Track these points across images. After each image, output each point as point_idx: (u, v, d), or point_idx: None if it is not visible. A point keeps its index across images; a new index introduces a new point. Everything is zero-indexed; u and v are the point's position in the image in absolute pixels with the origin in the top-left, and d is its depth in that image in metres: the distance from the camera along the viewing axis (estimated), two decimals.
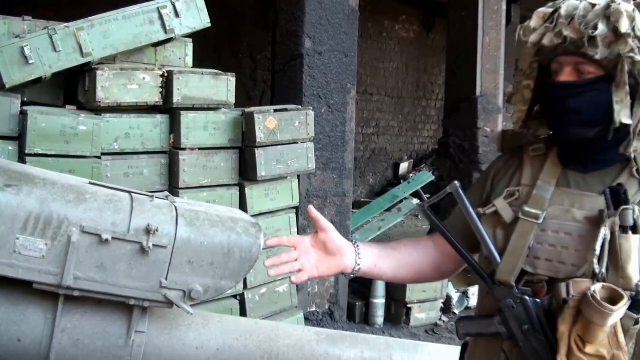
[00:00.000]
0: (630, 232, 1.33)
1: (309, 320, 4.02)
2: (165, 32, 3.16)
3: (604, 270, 1.32)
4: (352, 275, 1.62)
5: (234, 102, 3.38)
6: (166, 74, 3.16)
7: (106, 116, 3.01)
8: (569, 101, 1.42)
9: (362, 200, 7.72)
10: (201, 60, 3.60)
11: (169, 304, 1.70)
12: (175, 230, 1.70)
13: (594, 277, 1.32)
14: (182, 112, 3.19)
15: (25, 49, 2.73)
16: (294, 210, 3.63)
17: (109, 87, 2.96)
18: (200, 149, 3.29)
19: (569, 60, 1.43)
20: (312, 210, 1.57)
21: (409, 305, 4.66)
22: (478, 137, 5.74)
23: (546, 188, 1.48)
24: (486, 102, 5.70)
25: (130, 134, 3.11)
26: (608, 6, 1.38)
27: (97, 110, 3.00)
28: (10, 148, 2.74)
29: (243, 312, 3.44)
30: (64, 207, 1.61)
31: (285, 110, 3.44)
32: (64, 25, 2.86)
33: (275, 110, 3.40)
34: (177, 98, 3.16)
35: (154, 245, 1.65)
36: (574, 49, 1.39)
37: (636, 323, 1.29)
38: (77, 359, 1.76)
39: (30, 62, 2.76)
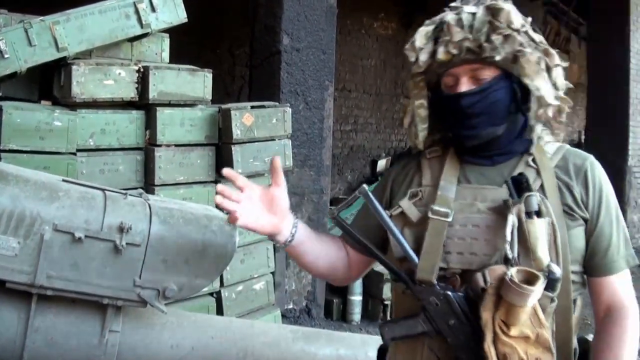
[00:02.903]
0: (535, 217, 1.39)
1: (286, 317, 4.02)
2: (142, 27, 3.14)
3: (515, 255, 1.37)
4: (280, 243, 1.59)
5: (210, 98, 3.36)
6: (142, 70, 3.13)
7: (81, 112, 2.98)
8: (475, 107, 1.47)
9: (340, 197, 7.75)
10: (179, 55, 3.57)
11: (143, 303, 1.69)
12: (148, 228, 1.68)
13: (507, 263, 1.37)
14: (158, 108, 3.17)
15: (0, 43, 2.69)
16: None
17: (85, 82, 2.93)
18: (176, 145, 3.27)
19: (464, 69, 1.48)
20: (277, 160, 1.56)
21: (385, 302, 4.68)
22: None
23: (449, 187, 1.53)
24: None
25: (106, 129, 3.08)
26: (489, 8, 1.45)
27: (73, 105, 2.97)
28: None
29: (220, 310, 3.43)
30: (37, 204, 1.59)
31: (263, 107, 3.43)
32: (39, 18, 2.82)
33: (252, 107, 3.39)
34: (153, 94, 3.13)
35: (127, 243, 1.64)
36: (472, 56, 1.45)
37: (552, 301, 1.36)
38: (51, 359, 1.74)
39: (6, 56, 2.72)
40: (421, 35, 1.51)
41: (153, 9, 3.16)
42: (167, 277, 1.71)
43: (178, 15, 3.27)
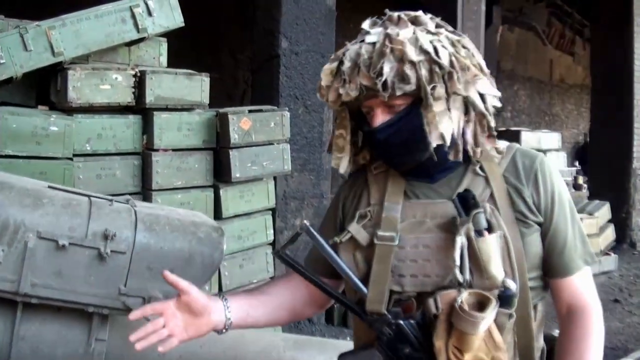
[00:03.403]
0: (486, 233, 1.36)
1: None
2: (138, 31, 3.13)
3: (467, 276, 1.35)
4: (224, 331, 1.58)
5: (208, 102, 3.35)
6: (139, 74, 3.12)
7: (78, 117, 2.98)
8: (391, 139, 1.44)
9: None
10: (180, 59, 3.57)
11: (129, 311, 1.67)
12: (134, 236, 1.67)
13: (460, 285, 1.35)
14: (154, 113, 3.16)
15: None
16: (270, 212, 3.60)
17: (81, 87, 2.93)
18: (173, 150, 3.25)
19: (375, 102, 1.44)
20: (168, 275, 1.53)
21: None
22: None
23: (393, 207, 1.49)
24: None
25: (103, 134, 3.08)
26: (387, 40, 1.40)
27: (69, 110, 2.96)
28: None
29: None
30: (21, 211, 1.58)
31: (260, 110, 3.42)
32: (35, 24, 2.82)
33: (250, 111, 3.37)
34: (149, 98, 3.13)
35: (112, 251, 1.63)
36: (373, 93, 1.40)
37: (510, 317, 1.32)
38: None
39: (1, 61, 2.71)
40: (325, 74, 1.48)
41: (149, 13, 3.15)
42: (152, 285, 1.69)
43: (175, 19, 3.27)
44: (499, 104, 1.52)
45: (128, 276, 1.67)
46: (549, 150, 6.07)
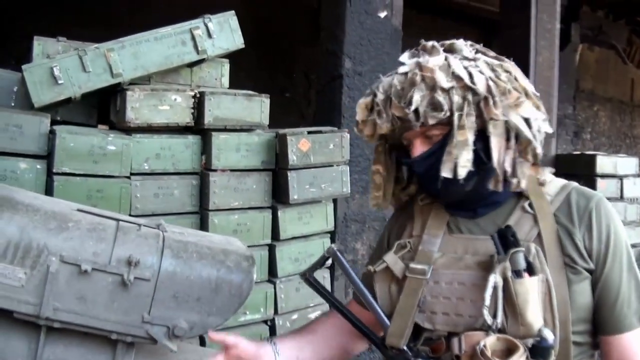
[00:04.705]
0: (526, 275, 1.24)
1: None
2: (198, 53, 3.14)
3: (499, 320, 1.24)
4: None
5: (267, 123, 3.32)
6: (198, 95, 3.13)
7: (136, 136, 3.00)
8: (430, 170, 1.36)
9: None
10: (254, 80, 3.59)
11: (152, 340, 1.63)
12: (159, 262, 1.62)
13: (490, 329, 1.25)
14: (213, 133, 3.15)
15: (55, 69, 2.75)
16: (329, 235, 3.52)
17: (139, 107, 2.95)
18: (231, 170, 3.23)
19: (412, 133, 1.38)
20: (213, 335, 1.56)
21: None
22: None
23: (432, 240, 1.42)
24: None
25: (161, 154, 3.09)
26: (417, 68, 1.34)
27: (128, 130, 3.00)
28: (38, 167, 2.77)
29: None
30: (44, 235, 1.56)
31: (320, 132, 3.35)
32: (94, 46, 2.88)
33: (309, 132, 3.31)
34: (208, 119, 3.12)
35: (135, 277, 1.58)
36: (409, 125, 1.35)
37: None
38: None
39: (60, 82, 2.78)
40: (361, 109, 1.45)
41: (209, 35, 3.16)
42: (177, 314, 1.63)
43: (235, 41, 3.26)
44: (549, 129, 1.41)
45: (152, 304, 1.62)
46: (626, 176, 5.65)
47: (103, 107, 3.18)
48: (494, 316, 1.25)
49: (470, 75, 1.32)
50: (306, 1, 5.73)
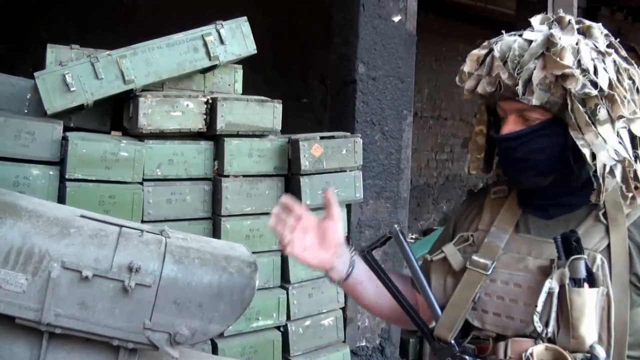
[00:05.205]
0: (586, 285, 1.16)
1: (357, 355, 3.86)
2: (210, 59, 3.14)
3: (550, 329, 1.17)
4: (334, 282, 1.50)
5: (279, 128, 3.31)
6: (210, 101, 3.13)
7: (149, 142, 3.01)
8: (516, 152, 1.28)
9: (435, 228, 7.50)
10: (271, 86, 3.59)
11: (153, 346, 1.62)
12: (160, 269, 1.62)
13: (539, 336, 1.18)
14: (225, 139, 3.15)
15: (67, 76, 2.78)
16: None
17: (151, 114, 2.96)
18: (244, 176, 3.23)
19: (511, 106, 1.29)
20: (330, 192, 1.46)
21: None
22: None
23: (499, 235, 1.34)
24: None
25: (174, 160, 3.10)
26: (547, 41, 1.22)
27: (141, 136, 3.01)
28: (51, 173, 2.79)
29: (285, 345, 3.34)
30: (46, 241, 1.57)
31: (332, 137, 3.34)
32: (106, 53, 2.90)
33: (322, 137, 3.30)
34: (220, 125, 3.12)
35: (136, 284, 1.58)
36: (511, 95, 1.24)
37: None
38: None
39: (72, 89, 2.80)
40: (471, 61, 1.35)
41: (222, 42, 3.16)
42: (178, 320, 1.63)
43: (247, 47, 3.26)
44: None
45: (153, 310, 1.62)
46: None
47: (116, 114, 3.19)
48: (546, 324, 1.19)
49: (595, 70, 1.22)
50: (322, 6, 5.73)
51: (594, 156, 1.22)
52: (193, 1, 5.34)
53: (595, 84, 1.20)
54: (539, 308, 1.19)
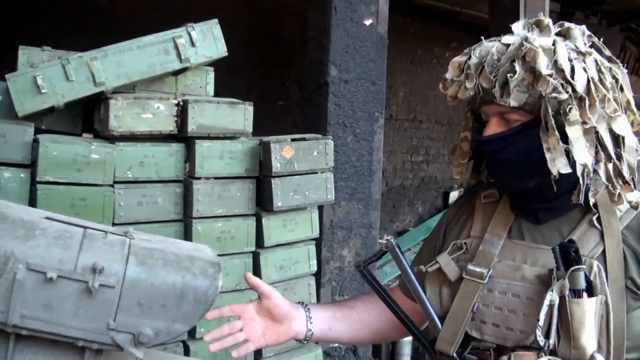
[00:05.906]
0: (585, 295, 1.18)
1: (330, 356, 3.89)
2: (181, 62, 3.16)
3: (551, 340, 1.19)
4: (305, 342, 1.54)
5: (251, 130, 3.34)
6: (181, 103, 3.15)
7: (120, 144, 3.03)
8: (499, 154, 1.30)
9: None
10: (252, 89, 3.60)
11: (118, 347, 1.64)
12: (124, 270, 1.64)
13: (541, 349, 1.20)
14: (196, 141, 3.18)
15: (38, 78, 2.78)
16: (314, 242, 3.54)
17: (122, 115, 2.98)
18: (215, 178, 3.25)
19: (492, 110, 1.31)
20: (250, 277, 1.51)
21: None
22: None
23: (494, 242, 1.35)
24: None
25: (145, 162, 3.11)
26: (522, 45, 1.24)
27: (112, 138, 3.02)
28: (22, 175, 2.79)
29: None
30: (11, 243, 1.58)
31: (304, 139, 3.38)
32: (77, 55, 2.91)
33: (293, 140, 3.34)
34: (191, 127, 3.15)
35: (100, 284, 1.60)
36: (491, 98, 1.27)
37: None
38: None
39: (43, 91, 2.80)
40: (453, 67, 1.38)
41: (192, 44, 3.19)
42: (142, 321, 1.65)
43: (218, 49, 3.29)
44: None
45: (117, 311, 1.63)
46: None
47: (88, 116, 3.20)
48: (547, 336, 1.20)
49: (572, 70, 1.23)
50: (300, 9, 5.77)
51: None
52: (170, 4, 5.35)
53: (571, 86, 1.22)
54: (542, 322, 1.20)
